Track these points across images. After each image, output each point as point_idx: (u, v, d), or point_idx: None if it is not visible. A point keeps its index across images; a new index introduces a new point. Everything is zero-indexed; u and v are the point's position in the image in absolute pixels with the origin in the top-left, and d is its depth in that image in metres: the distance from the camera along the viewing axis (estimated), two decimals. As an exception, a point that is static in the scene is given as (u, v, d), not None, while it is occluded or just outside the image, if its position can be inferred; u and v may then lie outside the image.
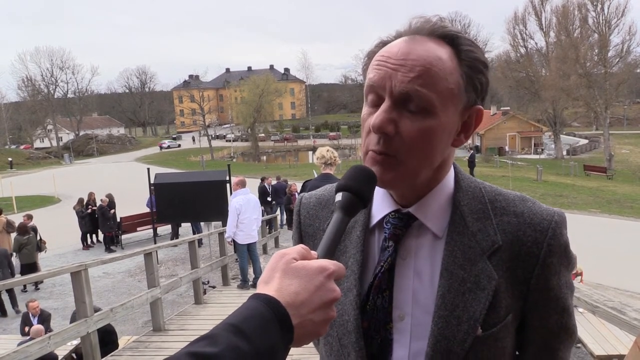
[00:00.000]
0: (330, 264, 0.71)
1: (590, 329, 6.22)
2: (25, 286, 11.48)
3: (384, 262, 0.91)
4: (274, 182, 19.12)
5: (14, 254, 11.65)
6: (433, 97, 0.81)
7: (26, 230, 11.67)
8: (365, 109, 0.88)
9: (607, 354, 5.70)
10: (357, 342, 0.91)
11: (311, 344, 1.06)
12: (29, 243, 11.47)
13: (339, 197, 0.80)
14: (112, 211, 15.84)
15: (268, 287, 0.68)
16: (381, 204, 0.96)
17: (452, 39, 0.86)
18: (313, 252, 0.73)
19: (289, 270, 0.69)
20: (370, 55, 0.90)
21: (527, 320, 0.92)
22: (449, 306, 0.86)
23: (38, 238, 12.24)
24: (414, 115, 0.82)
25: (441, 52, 0.83)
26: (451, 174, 0.94)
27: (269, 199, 17.36)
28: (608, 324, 5.05)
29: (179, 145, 76.23)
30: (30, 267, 11.23)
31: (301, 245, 0.73)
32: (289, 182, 19.06)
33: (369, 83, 0.86)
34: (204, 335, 0.61)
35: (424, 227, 0.91)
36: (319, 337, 1.00)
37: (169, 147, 75.83)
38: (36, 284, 11.67)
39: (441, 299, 0.87)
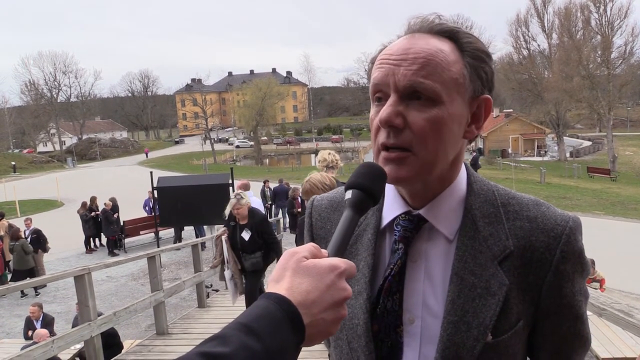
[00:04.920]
0: (340, 262, 0.70)
1: (595, 331, 6.19)
2: (22, 291, 11.49)
3: (394, 265, 0.90)
4: (272, 185, 19.23)
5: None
6: (438, 87, 0.81)
7: (17, 236, 11.79)
8: (372, 109, 0.87)
9: (613, 356, 5.68)
10: (367, 345, 0.90)
11: (322, 347, 1.05)
12: (15, 249, 11.58)
13: (348, 194, 0.79)
14: (116, 215, 15.87)
15: (279, 286, 0.68)
16: (392, 205, 0.95)
17: (452, 34, 0.86)
18: (323, 251, 0.73)
19: (300, 269, 0.68)
20: (373, 60, 0.90)
21: (539, 326, 0.90)
22: (458, 312, 0.85)
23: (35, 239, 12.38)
24: (421, 106, 0.82)
25: (442, 45, 0.84)
26: (463, 175, 0.93)
27: (267, 204, 17.39)
28: (613, 326, 5.03)
29: (251, 146, 74.44)
30: (22, 273, 11.30)
31: (311, 244, 0.73)
32: (291, 186, 19.06)
33: (374, 82, 0.86)
34: (214, 335, 0.60)
35: (435, 230, 0.90)
36: (330, 337, 0.99)
37: (238, 146, 75.79)
38: (36, 289, 11.69)
39: (451, 305, 0.86)
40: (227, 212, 6.02)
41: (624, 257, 12.49)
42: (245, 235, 5.96)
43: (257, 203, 8.99)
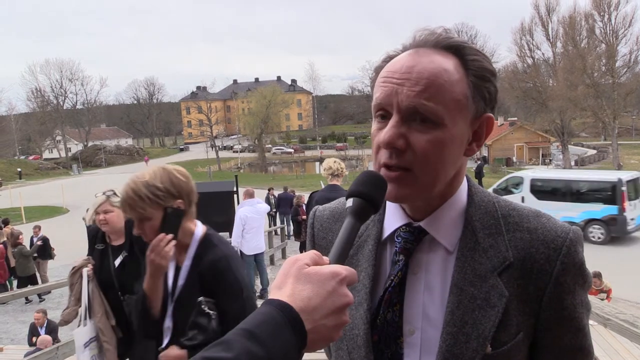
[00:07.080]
0: (342, 269, 0.71)
1: (601, 342, 6.15)
2: (26, 297, 11.51)
3: (394, 276, 0.91)
4: (276, 192, 19.35)
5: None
6: (440, 109, 0.81)
7: (16, 243, 11.93)
8: (374, 125, 0.88)
9: (619, 367, 5.63)
10: (367, 356, 0.90)
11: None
12: (14, 256, 11.70)
13: (349, 202, 0.80)
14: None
15: (281, 292, 0.69)
16: (393, 216, 0.95)
17: (458, 49, 0.85)
18: (325, 258, 0.74)
19: (302, 276, 0.69)
20: (378, 70, 0.90)
21: (540, 338, 0.90)
22: (457, 323, 0.85)
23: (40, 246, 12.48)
24: (423, 127, 0.82)
25: (446, 64, 0.83)
26: (464, 187, 0.94)
27: (272, 212, 17.51)
28: (619, 336, 4.99)
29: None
30: (23, 279, 11.36)
31: (313, 251, 0.74)
32: (296, 194, 19.12)
33: (377, 101, 0.86)
34: (218, 341, 0.62)
35: (435, 242, 0.90)
36: (331, 344, 0.99)
37: (281, 152, 76.88)
38: (40, 295, 11.71)
39: (450, 315, 0.86)
40: (88, 218, 3.24)
41: (630, 267, 12.41)
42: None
43: (265, 210, 9.07)
